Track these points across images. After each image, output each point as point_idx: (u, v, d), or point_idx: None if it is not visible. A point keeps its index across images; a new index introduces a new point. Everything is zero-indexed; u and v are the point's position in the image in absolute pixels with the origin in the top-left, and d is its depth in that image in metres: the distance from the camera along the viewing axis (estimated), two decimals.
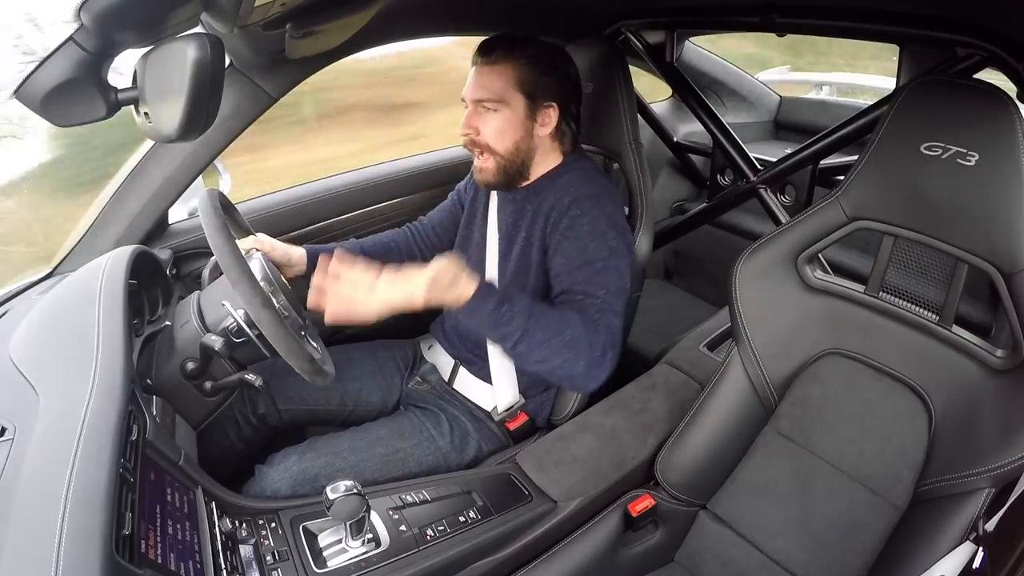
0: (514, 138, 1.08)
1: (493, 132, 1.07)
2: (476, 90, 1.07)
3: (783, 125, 2.29)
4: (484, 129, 1.07)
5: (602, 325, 0.97)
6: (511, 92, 1.05)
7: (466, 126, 1.09)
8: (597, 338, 0.95)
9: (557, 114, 1.09)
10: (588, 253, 1.02)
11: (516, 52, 1.06)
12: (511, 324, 0.91)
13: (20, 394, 0.74)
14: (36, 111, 0.64)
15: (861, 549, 0.90)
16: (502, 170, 1.10)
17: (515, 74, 1.05)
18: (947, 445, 0.86)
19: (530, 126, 1.08)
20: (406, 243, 1.38)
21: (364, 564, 0.85)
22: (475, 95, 1.07)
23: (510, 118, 1.07)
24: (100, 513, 0.57)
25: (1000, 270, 0.80)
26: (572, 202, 1.05)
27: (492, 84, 1.05)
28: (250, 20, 0.70)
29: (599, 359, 0.95)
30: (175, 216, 1.35)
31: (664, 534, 1.09)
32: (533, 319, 0.92)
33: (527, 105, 1.06)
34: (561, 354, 0.93)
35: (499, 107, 1.06)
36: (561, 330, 0.93)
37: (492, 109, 1.07)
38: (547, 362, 0.93)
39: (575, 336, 0.93)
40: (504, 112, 1.06)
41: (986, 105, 0.78)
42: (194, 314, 0.99)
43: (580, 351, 0.93)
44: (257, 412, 1.21)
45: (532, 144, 1.10)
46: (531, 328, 0.91)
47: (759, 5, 1.20)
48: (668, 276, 2.36)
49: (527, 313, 0.92)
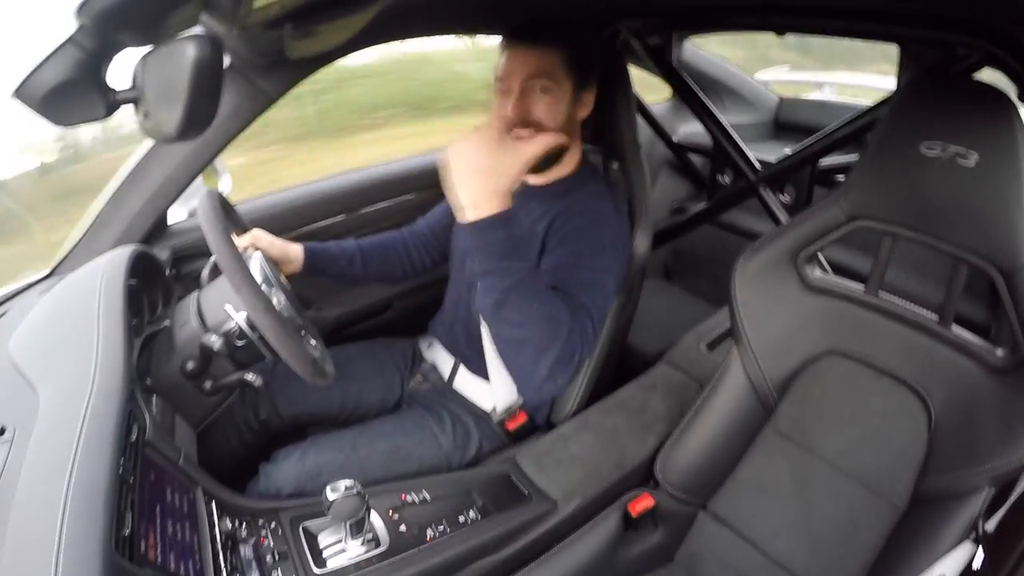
0: (561, 119, 1.06)
1: (545, 112, 1.04)
2: (527, 71, 1.04)
3: (782, 125, 2.29)
4: (535, 108, 1.04)
5: (580, 323, 0.94)
6: (561, 73, 1.04)
7: (516, 108, 1.04)
8: (574, 333, 0.92)
9: (593, 98, 1.10)
10: (582, 261, 1.02)
11: (564, 34, 1.05)
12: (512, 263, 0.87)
13: (20, 394, 0.74)
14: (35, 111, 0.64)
15: (861, 549, 0.90)
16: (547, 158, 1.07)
17: (565, 55, 1.04)
18: (947, 445, 0.86)
19: (574, 109, 1.08)
20: (403, 243, 1.38)
21: (364, 564, 0.85)
22: (528, 75, 1.04)
23: (560, 98, 1.05)
24: (100, 513, 0.57)
25: (1000, 269, 0.80)
26: (577, 214, 1.06)
27: (542, 65, 1.03)
28: (250, 20, 0.70)
29: (569, 357, 0.91)
30: (174, 216, 1.34)
31: (664, 534, 1.09)
32: (533, 275, 0.89)
33: (573, 87, 1.06)
34: (540, 326, 0.88)
35: (551, 86, 1.04)
36: (548, 299, 0.90)
37: (543, 89, 1.04)
38: (523, 328, 0.88)
39: (557, 314, 0.90)
40: (555, 92, 1.04)
41: (986, 105, 0.78)
42: (194, 314, 0.99)
43: (557, 334, 0.89)
44: (259, 417, 1.21)
45: (572, 128, 1.10)
46: (527, 280, 0.87)
47: (758, 5, 1.20)
48: (668, 276, 2.36)
49: (531, 266, 0.89)
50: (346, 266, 1.30)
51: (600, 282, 1.02)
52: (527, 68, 1.03)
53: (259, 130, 1.26)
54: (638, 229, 1.22)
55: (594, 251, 1.03)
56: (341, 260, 1.29)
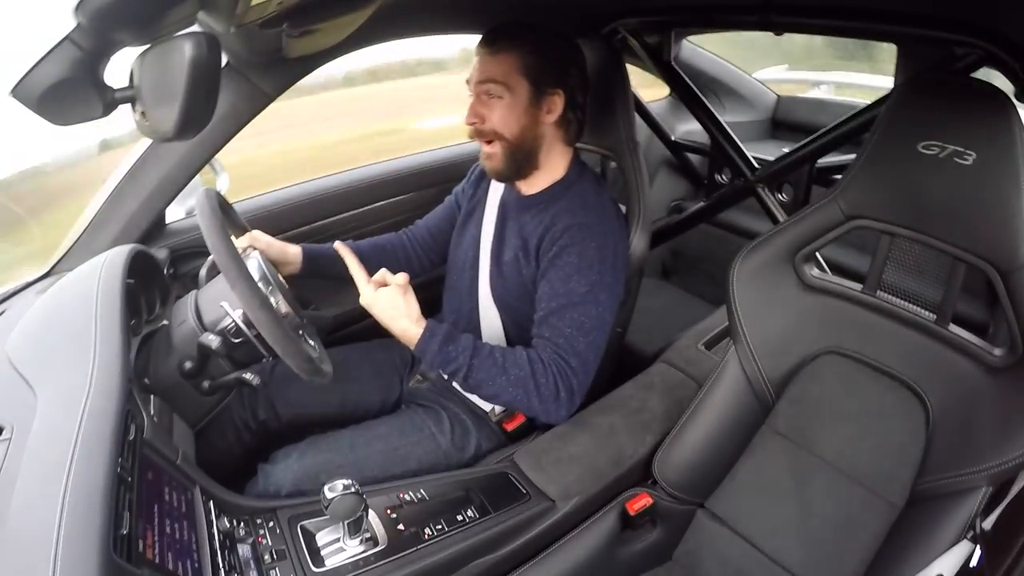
0: (520, 124, 1.07)
1: (499, 118, 1.07)
2: (480, 77, 1.07)
3: (780, 124, 2.29)
4: (489, 116, 1.07)
5: (556, 366, 1.02)
6: (515, 78, 1.05)
7: (471, 115, 1.08)
8: (546, 380, 1.01)
9: (562, 101, 1.09)
10: (569, 285, 1.04)
11: (520, 39, 1.06)
12: (456, 361, 0.99)
13: (17, 394, 0.74)
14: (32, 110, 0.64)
15: (859, 547, 0.90)
16: (510, 156, 1.10)
17: (519, 60, 1.05)
18: (944, 443, 0.86)
19: (535, 113, 1.08)
20: (401, 246, 1.38)
21: (362, 563, 0.85)
22: (479, 81, 1.07)
23: (514, 104, 1.06)
24: (98, 513, 0.57)
25: (997, 268, 0.80)
26: (564, 231, 1.06)
27: (496, 70, 1.05)
28: (247, 19, 0.70)
29: (553, 398, 1.01)
30: (172, 215, 1.34)
31: (662, 533, 1.09)
32: (477, 359, 1.00)
33: (531, 91, 1.06)
34: (508, 392, 1.00)
35: (504, 93, 1.06)
36: (506, 369, 1.00)
37: (497, 96, 1.06)
38: (499, 397, 1.02)
39: (521, 376, 1.00)
40: (508, 98, 1.06)
41: (984, 104, 0.79)
42: (192, 313, 0.99)
43: (528, 390, 1.00)
44: (258, 418, 1.21)
45: (539, 131, 1.10)
46: (476, 366, 0.99)
47: (757, 4, 1.20)
48: (666, 275, 2.36)
49: (470, 352, 1.00)
50: (343, 269, 1.30)
51: (590, 300, 1.04)
52: (481, 73, 1.07)
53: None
54: (636, 228, 1.22)
55: (581, 267, 1.04)
56: (339, 262, 1.29)
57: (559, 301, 1.04)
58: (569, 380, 1.02)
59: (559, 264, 1.05)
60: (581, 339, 1.03)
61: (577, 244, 1.05)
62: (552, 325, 1.04)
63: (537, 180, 1.15)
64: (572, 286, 1.04)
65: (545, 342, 1.04)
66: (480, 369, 0.99)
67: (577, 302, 1.03)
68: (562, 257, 1.05)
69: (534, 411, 1.03)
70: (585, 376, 1.05)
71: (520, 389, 1.00)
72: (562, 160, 1.15)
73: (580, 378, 1.03)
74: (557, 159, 1.15)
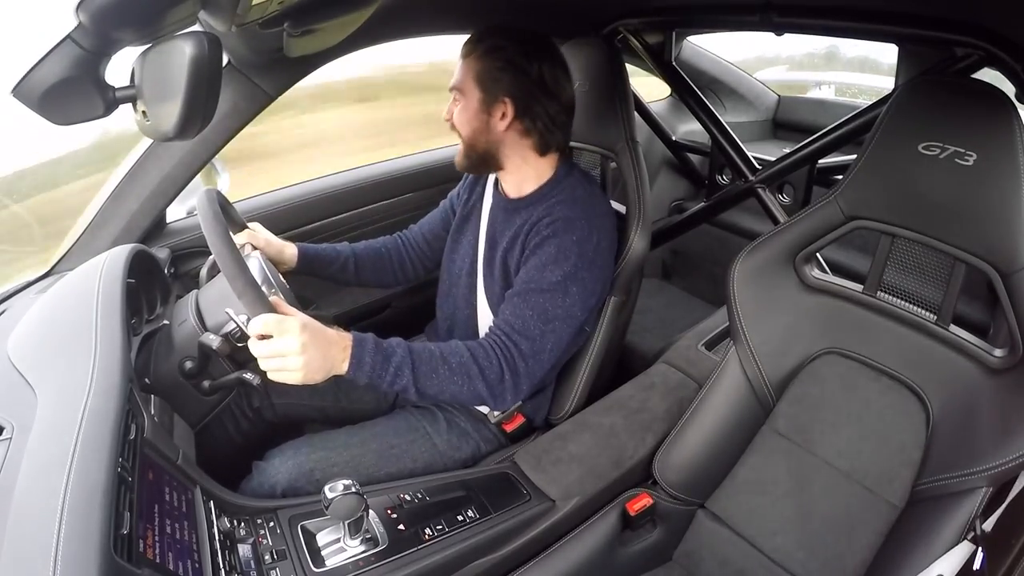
0: (472, 128, 1.10)
1: (458, 120, 1.12)
2: (452, 79, 1.12)
3: (781, 124, 2.30)
4: (455, 116, 1.12)
5: (500, 348, 1.01)
6: (469, 83, 1.08)
7: (447, 111, 1.14)
8: (489, 362, 0.99)
9: (512, 110, 1.08)
10: (543, 273, 1.04)
11: (478, 46, 1.08)
12: (391, 362, 0.93)
13: (18, 393, 0.74)
14: (34, 109, 0.64)
15: (859, 548, 0.90)
16: (465, 155, 1.14)
17: (473, 66, 1.08)
18: (945, 444, 0.86)
19: (485, 118, 1.10)
20: (397, 251, 1.38)
21: (362, 563, 0.85)
22: (451, 83, 1.12)
23: (467, 109, 1.10)
24: (98, 512, 0.57)
25: (998, 269, 0.80)
26: (549, 223, 1.06)
27: (458, 75, 1.10)
28: (248, 18, 0.70)
29: (498, 380, 0.99)
30: (173, 215, 1.34)
31: (662, 533, 1.09)
32: (412, 354, 0.95)
33: (481, 98, 1.08)
34: (454, 380, 0.97)
35: (460, 97, 1.10)
36: (445, 358, 0.97)
37: (457, 99, 1.11)
38: (447, 390, 0.97)
39: (461, 361, 0.98)
40: (463, 103, 1.10)
41: (984, 105, 0.79)
42: (192, 313, 0.99)
43: (472, 375, 0.98)
44: (252, 406, 1.21)
45: (491, 137, 1.11)
46: (415, 362, 0.95)
47: (757, 5, 1.20)
48: (666, 275, 2.36)
49: (403, 350, 0.95)
50: (338, 271, 1.31)
51: (560, 290, 1.03)
52: (453, 78, 1.12)
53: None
54: (636, 228, 1.22)
55: (558, 258, 1.04)
56: (334, 264, 1.30)
57: (528, 286, 1.04)
58: (514, 362, 1.00)
59: (538, 253, 1.05)
60: (540, 325, 1.02)
61: (558, 236, 1.05)
62: (514, 305, 1.03)
63: (524, 184, 1.15)
64: (545, 274, 1.03)
65: (500, 322, 1.04)
66: (420, 363, 0.95)
67: (546, 288, 1.03)
68: (542, 247, 1.05)
69: (482, 397, 1.00)
70: (536, 363, 1.02)
71: (463, 375, 0.98)
72: (547, 164, 1.14)
73: (529, 363, 1.01)
74: (539, 163, 1.14)
